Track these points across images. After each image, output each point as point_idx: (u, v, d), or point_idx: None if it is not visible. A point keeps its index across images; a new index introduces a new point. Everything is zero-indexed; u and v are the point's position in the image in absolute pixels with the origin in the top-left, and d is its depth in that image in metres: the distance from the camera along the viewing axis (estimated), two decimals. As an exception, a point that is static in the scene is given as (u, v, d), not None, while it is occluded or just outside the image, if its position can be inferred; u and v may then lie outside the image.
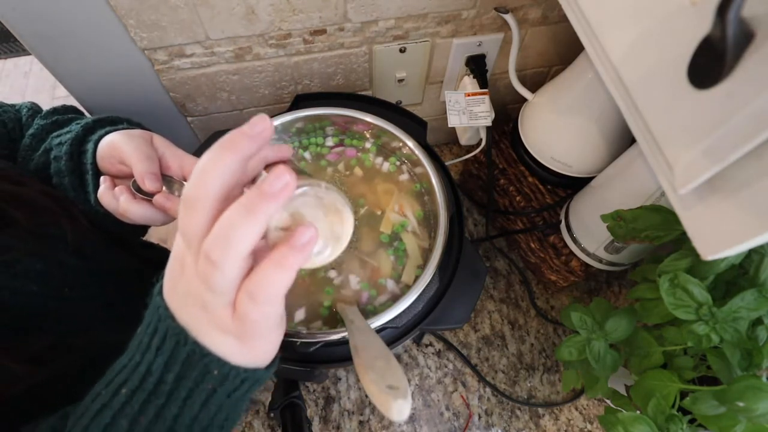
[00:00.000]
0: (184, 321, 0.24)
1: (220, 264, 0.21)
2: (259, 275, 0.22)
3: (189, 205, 0.22)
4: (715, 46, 0.22)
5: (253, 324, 0.23)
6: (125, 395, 0.24)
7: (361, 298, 0.46)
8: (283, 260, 0.22)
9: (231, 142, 0.22)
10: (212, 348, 0.24)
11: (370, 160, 0.53)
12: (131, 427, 0.24)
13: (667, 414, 0.40)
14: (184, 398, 0.25)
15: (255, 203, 0.21)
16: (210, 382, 0.25)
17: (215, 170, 0.22)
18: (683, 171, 0.29)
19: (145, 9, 0.46)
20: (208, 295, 0.23)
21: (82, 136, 0.41)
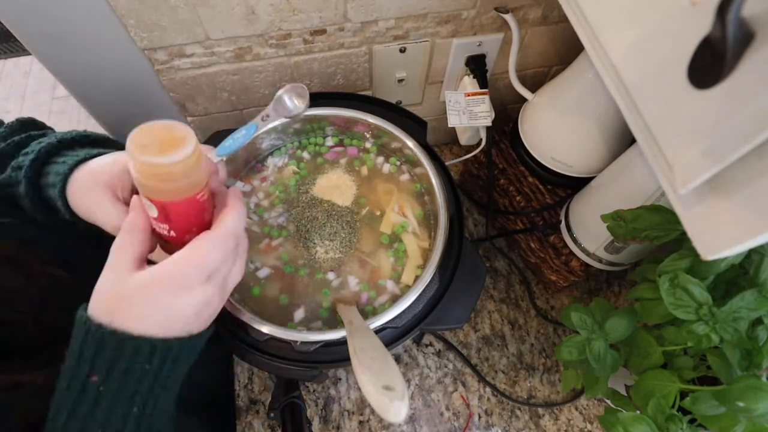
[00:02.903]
0: (104, 312, 0.29)
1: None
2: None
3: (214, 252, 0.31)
4: (715, 46, 0.22)
5: (222, 302, 0.33)
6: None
7: (361, 299, 0.46)
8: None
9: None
10: (139, 328, 0.29)
11: (371, 160, 0.54)
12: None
13: (667, 414, 0.40)
14: (116, 388, 0.29)
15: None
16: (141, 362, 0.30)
17: (218, 255, 0.32)
18: (683, 171, 0.29)
19: (145, 9, 0.46)
20: (216, 297, 0.32)
21: (37, 172, 0.37)
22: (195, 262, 0.30)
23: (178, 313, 0.29)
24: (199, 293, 0.30)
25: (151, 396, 0.30)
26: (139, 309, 0.29)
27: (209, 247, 0.30)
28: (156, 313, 0.29)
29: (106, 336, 0.28)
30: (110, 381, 0.28)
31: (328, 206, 0.50)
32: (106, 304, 0.29)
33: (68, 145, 0.39)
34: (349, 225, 0.49)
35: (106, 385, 0.28)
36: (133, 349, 0.28)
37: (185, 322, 0.30)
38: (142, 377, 0.29)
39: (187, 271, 0.29)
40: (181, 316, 0.30)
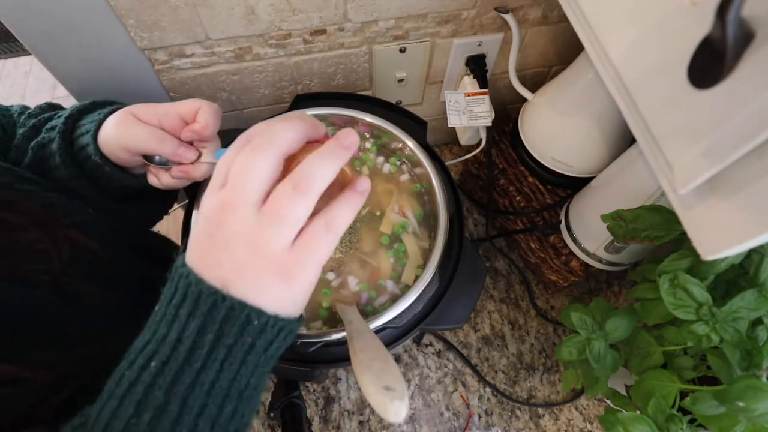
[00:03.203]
0: (218, 277, 0.25)
1: (307, 191, 0.25)
2: (335, 208, 0.27)
3: (257, 150, 0.26)
4: (715, 46, 0.22)
5: (316, 252, 0.26)
6: (156, 368, 0.24)
7: (361, 299, 0.46)
8: (351, 200, 0.28)
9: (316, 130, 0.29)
10: (251, 297, 0.25)
11: (372, 160, 0.54)
12: (167, 398, 0.24)
13: (667, 414, 0.40)
14: (222, 360, 0.25)
15: (335, 149, 0.27)
16: (250, 335, 0.25)
17: (290, 131, 0.27)
18: (683, 171, 0.29)
19: (145, 9, 0.46)
20: (274, 232, 0.25)
21: (71, 126, 0.41)
22: (232, 173, 0.26)
23: (216, 243, 0.25)
24: (236, 218, 0.25)
25: (173, 361, 0.25)
26: (193, 235, 0.27)
27: (248, 148, 0.26)
28: (199, 239, 0.26)
29: (177, 266, 0.27)
30: (159, 310, 0.26)
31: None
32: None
33: (101, 105, 0.43)
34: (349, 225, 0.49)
35: (158, 312, 0.26)
36: (178, 278, 0.26)
37: (226, 265, 0.25)
38: (173, 322, 0.25)
39: (226, 188, 0.26)
40: (220, 250, 0.25)
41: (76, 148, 0.40)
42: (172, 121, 0.39)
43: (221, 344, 0.25)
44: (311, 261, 0.26)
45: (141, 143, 0.39)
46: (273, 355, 0.27)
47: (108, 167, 0.40)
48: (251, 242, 0.25)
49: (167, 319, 0.25)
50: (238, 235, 0.25)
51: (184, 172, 0.40)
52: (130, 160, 0.40)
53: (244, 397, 0.26)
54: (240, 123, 0.63)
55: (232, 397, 0.26)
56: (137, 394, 0.24)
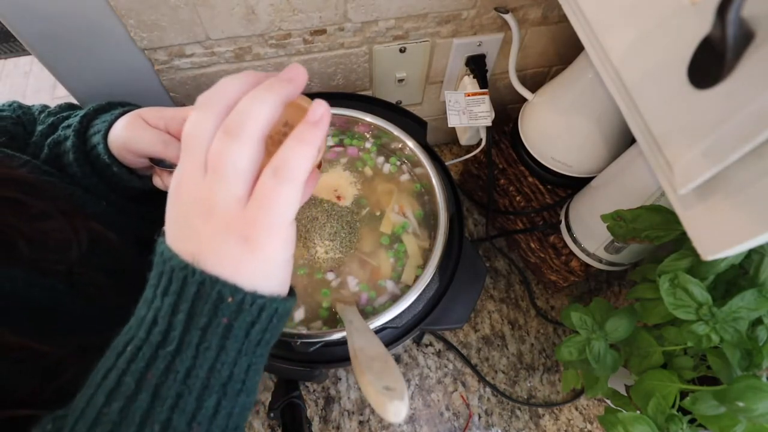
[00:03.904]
0: (187, 251, 0.23)
1: (240, 135, 0.22)
2: (283, 151, 0.23)
3: (202, 106, 0.24)
4: (715, 46, 0.22)
5: (270, 208, 0.23)
6: (130, 352, 0.22)
7: (361, 299, 0.46)
8: (304, 135, 0.23)
9: (270, 86, 0.24)
10: (221, 270, 0.23)
11: (372, 160, 0.54)
12: (138, 386, 0.22)
13: (667, 414, 0.40)
14: (197, 343, 0.22)
15: (272, 84, 0.23)
16: (224, 315, 0.22)
17: (233, 83, 0.24)
18: (683, 171, 0.29)
19: (145, 9, 0.46)
20: (218, 189, 0.22)
21: (86, 125, 0.42)
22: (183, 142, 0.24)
23: (179, 214, 0.24)
24: (189, 185, 0.23)
25: (147, 344, 0.23)
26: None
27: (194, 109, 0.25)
28: (169, 212, 0.25)
29: (157, 244, 0.25)
30: (147, 291, 0.25)
31: (328, 206, 0.50)
32: None
33: (115, 106, 0.44)
34: (349, 225, 0.49)
35: (145, 296, 0.25)
36: (159, 253, 0.24)
37: (193, 236, 0.23)
38: (151, 303, 0.24)
39: (183, 155, 0.24)
40: (186, 221, 0.24)
41: (88, 146, 0.41)
42: (179, 125, 0.40)
43: (194, 325, 0.22)
44: (267, 219, 0.23)
45: (146, 146, 0.39)
46: (259, 340, 0.24)
47: (116, 167, 0.41)
48: (202, 206, 0.23)
49: (146, 300, 0.24)
50: (191, 203, 0.23)
51: None
52: (136, 162, 0.41)
53: (228, 391, 0.23)
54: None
55: (213, 389, 0.23)
56: (110, 381, 0.22)
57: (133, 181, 0.42)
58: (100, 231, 0.41)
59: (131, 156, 0.40)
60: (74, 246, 0.38)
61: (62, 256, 0.38)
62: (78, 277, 0.38)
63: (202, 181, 0.23)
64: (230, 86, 0.24)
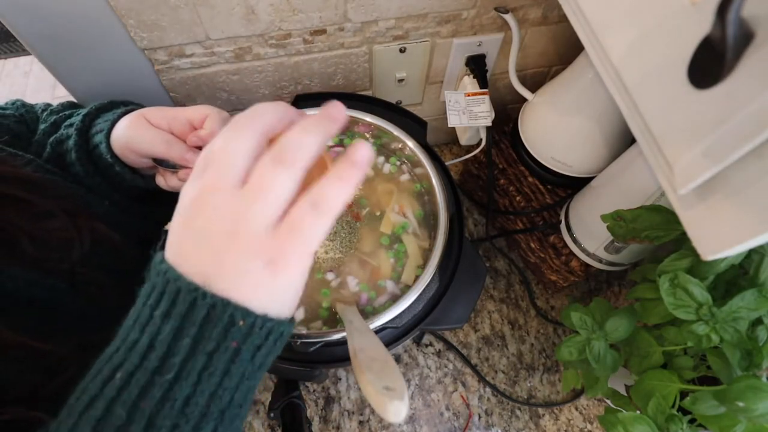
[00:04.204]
0: (198, 272, 0.22)
1: (288, 163, 0.22)
2: (323, 186, 0.23)
3: (239, 127, 0.23)
4: (715, 46, 0.22)
5: (303, 236, 0.22)
6: (121, 379, 0.21)
7: (361, 299, 0.46)
8: (344, 174, 0.23)
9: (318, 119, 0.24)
10: (234, 293, 0.22)
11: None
12: (130, 416, 0.20)
13: (667, 414, 0.40)
14: (200, 370, 0.21)
15: (320, 119, 0.24)
16: (234, 338, 0.22)
17: (272, 109, 0.24)
18: (683, 171, 0.29)
19: (145, 9, 0.46)
20: (255, 210, 0.22)
21: (88, 124, 0.42)
22: (212, 155, 0.23)
23: (196, 232, 0.23)
24: (216, 199, 0.22)
25: (140, 369, 0.22)
26: (173, 225, 0.24)
27: (226, 129, 0.24)
28: (177, 230, 0.23)
29: (155, 263, 0.23)
30: (135, 311, 0.23)
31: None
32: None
33: (118, 105, 0.44)
34: (349, 225, 0.49)
35: (132, 316, 0.23)
36: (156, 273, 0.23)
37: (207, 256, 0.22)
38: (147, 325, 0.22)
39: (204, 168, 0.23)
40: (199, 239, 0.22)
41: (90, 145, 0.41)
42: (182, 125, 0.40)
43: (200, 351, 0.21)
44: (298, 247, 0.23)
45: (149, 146, 0.39)
46: (261, 364, 0.24)
47: (118, 167, 0.41)
48: (230, 224, 0.22)
49: (140, 323, 0.22)
50: (216, 219, 0.22)
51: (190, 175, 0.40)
52: (138, 162, 0.41)
53: (226, 417, 0.22)
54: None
55: (211, 417, 0.22)
56: (97, 411, 0.21)
57: (136, 180, 0.42)
58: (102, 231, 0.41)
59: (134, 156, 0.40)
60: (77, 245, 0.38)
61: (64, 255, 0.38)
62: (79, 276, 0.38)
63: (235, 199, 0.22)
64: (269, 113, 0.24)
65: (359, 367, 0.28)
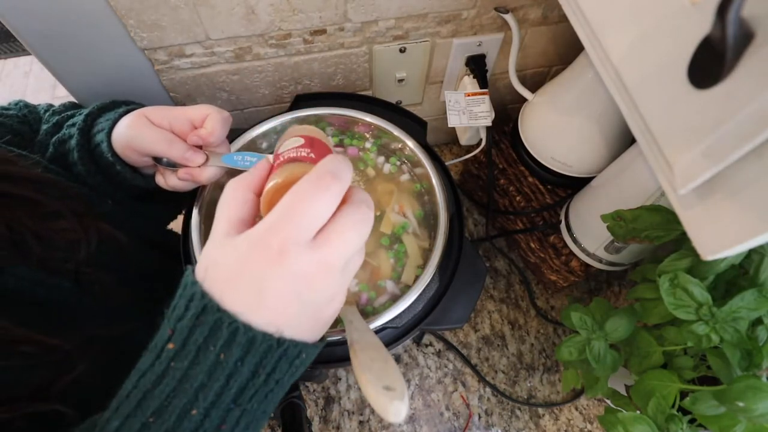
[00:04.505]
0: (270, 323, 0.24)
1: (343, 178, 0.25)
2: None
3: (327, 190, 0.25)
4: (715, 46, 0.22)
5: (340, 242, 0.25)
6: (199, 415, 0.23)
7: (361, 299, 0.46)
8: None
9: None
10: (301, 336, 0.26)
11: (372, 160, 0.54)
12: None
13: (667, 414, 0.40)
14: (268, 391, 0.25)
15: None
16: (296, 368, 0.26)
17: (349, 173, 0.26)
18: (683, 171, 0.29)
19: (145, 9, 0.46)
20: (306, 223, 0.24)
21: (90, 123, 0.42)
22: (286, 214, 0.24)
23: (270, 288, 0.24)
24: (291, 259, 0.24)
25: (218, 404, 0.24)
26: (228, 274, 0.24)
27: (301, 189, 0.25)
28: (243, 283, 0.24)
29: (195, 296, 0.24)
30: (183, 356, 0.24)
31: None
32: (202, 264, 0.26)
33: (119, 104, 0.45)
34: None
35: (178, 360, 0.24)
36: (213, 324, 0.23)
37: (281, 307, 0.24)
38: (215, 368, 0.23)
39: (278, 228, 0.24)
40: (275, 295, 0.24)
41: (92, 145, 0.41)
42: (182, 125, 0.40)
43: (272, 380, 0.25)
44: (341, 251, 0.26)
45: (150, 145, 0.39)
46: (288, 381, 0.27)
47: (119, 166, 0.41)
48: (279, 244, 0.24)
49: (203, 366, 0.23)
50: (294, 281, 0.25)
51: (189, 174, 0.40)
52: (139, 161, 0.41)
53: (272, 409, 0.27)
54: (240, 123, 0.63)
55: (266, 416, 0.27)
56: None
57: (137, 179, 0.42)
58: (108, 231, 0.41)
59: (134, 154, 0.40)
60: (83, 245, 0.39)
61: (70, 255, 0.38)
62: (84, 276, 0.39)
63: (302, 250, 0.24)
64: (348, 177, 0.27)
65: (359, 367, 0.28)
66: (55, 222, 0.37)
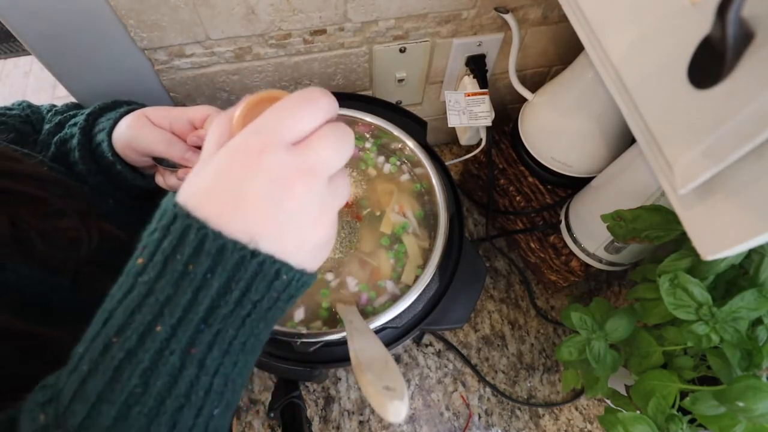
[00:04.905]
0: (243, 230, 0.22)
1: (331, 101, 0.25)
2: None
3: (311, 103, 0.24)
4: (715, 46, 0.22)
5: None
6: (165, 332, 0.21)
7: (361, 299, 0.46)
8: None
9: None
10: (278, 251, 0.23)
11: (372, 160, 0.54)
12: (182, 362, 0.21)
13: (667, 414, 0.40)
14: (244, 316, 0.23)
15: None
16: (276, 291, 0.23)
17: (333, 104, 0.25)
18: (683, 171, 0.29)
19: (145, 9, 0.46)
20: (289, 128, 0.23)
21: (91, 123, 0.43)
22: (269, 118, 0.23)
23: (246, 191, 0.22)
24: (270, 158, 0.22)
25: (185, 322, 0.21)
26: (206, 183, 0.23)
27: (288, 99, 0.24)
28: (219, 189, 0.22)
29: (167, 209, 0.23)
30: (150, 268, 0.22)
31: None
32: (185, 184, 0.24)
33: (121, 104, 0.45)
34: (349, 225, 0.49)
35: (145, 273, 0.22)
36: (182, 231, 0.22)
37: (258, 214, 0.22)
38: (181, 279, 0.21)
39: (259, 130, 0.23)
40: (251, 198, 0.22)
41: (93, 144, 0.42)
42: (183, 125, 0.40)
43: (247, 300, 0.22)
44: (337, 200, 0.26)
45: (150, 146, 0.39)
46: (285, 309, 0.25)
47: (120, 166, 0.41)
48: (280, 186, 0.23)
49: (170, 278, 0.22)
50: (269, 181, 0.22)
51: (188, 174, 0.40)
52: (139, 161, 0.41)
53: (255, 350, 0.25)
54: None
55: (247, 353, 0.24)
56: (144, 362, 0.21)
57: (137, 179, 0.43)
58: (110, 230, 0.41)
59: (135, 154, 0.40)
60: (84, 244, 0.39)
61: (71, 254, 0.38)
62: (83, 275, 0.39)
63: (280, 151, 0.23)
64: (298, 111, 0.25)
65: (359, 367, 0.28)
66: (58, 220, 0.37)
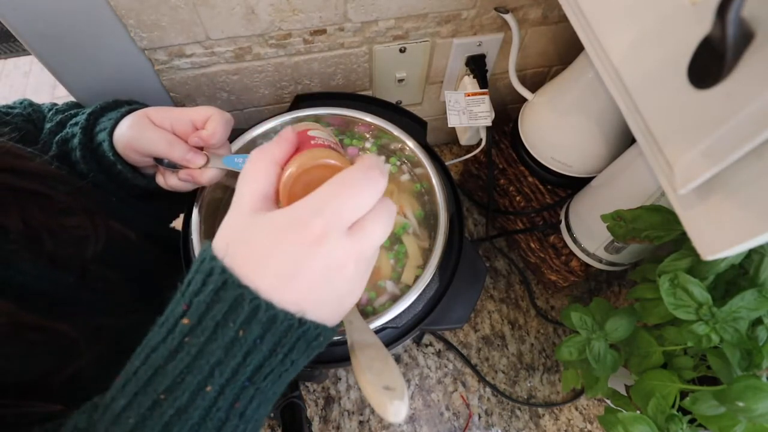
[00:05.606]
0: (294, 302, 0.24)
1: (386, 176, 0.26)
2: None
3: (365, 188, 0.25)
4: (715, 46, 0.22)
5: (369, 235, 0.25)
6: (214, 391, 0.23)
7: (360, 300, 0.46)
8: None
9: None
10: (320, 318, 0.25)
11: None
12: (227, 416, 0.24)
13: (667, 414, 0.40)
14: (283, 371, 0.25)
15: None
16: (315, 349, 0.26)
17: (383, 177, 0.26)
18: (683, 171, 0.29)
19: (145, 9, 0.46)
20: (349, 211, 0.24)
21: (93, 122, 0.43)
22: (330, 198, 0.24)
23: (304, 269, 0.23)
24: (331, 244, 0.23)
25: (233, 382, 0.23)
26: (259, 251, 0.24)
27: (349, 178, 0.24)
28: (275, 261, 0.23)
29: (214, 270, 0.23)
30: (199, 331, 0.23)
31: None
32: (223, 240, 0.25)
33: (122, 104, 0.45)
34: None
35: (194, 335, 0.23)
36: (234, 299, 0.23)
37: (310, 290, 0.24)
38: (232, 345, 0.23)
39: (321, 210, 0.24)
40: (306, 277, 0.23)
41: (94, 144, 0.42)
42: (184, 126, 0.40)
43: (288, 360, 0.25)
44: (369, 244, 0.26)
45: (151, 146, 0.39)
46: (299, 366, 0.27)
47: (120, 165, 0.41)
48: (337, 272, 0.25)
49: (221, 342, 0.23)
50: (326, 266, 0.24)
51: (190, 175, 0.40)
52: (140, 161, 0.41)
53: (280, 392, 0.27)
54: (240, 123, 0.63)
55: (275, 397, 0.27)
56: (193, 418, 0.23)
57: (138, 179, 0.43)
58: (117, 229, 0.42)
59: (135, 155, 0.40)
60: (92, 242, 0.39)
61: (79, 251, 0.38)
62: (89, 272, 0.39)
63: (339, 236, 0.24)
64: (383, 180, 0.26)
65: (359, 367, 0.28)
66: (66, 218, 0.38)
